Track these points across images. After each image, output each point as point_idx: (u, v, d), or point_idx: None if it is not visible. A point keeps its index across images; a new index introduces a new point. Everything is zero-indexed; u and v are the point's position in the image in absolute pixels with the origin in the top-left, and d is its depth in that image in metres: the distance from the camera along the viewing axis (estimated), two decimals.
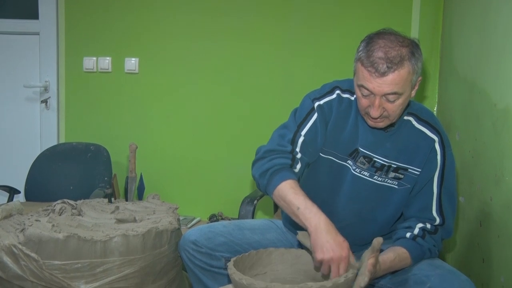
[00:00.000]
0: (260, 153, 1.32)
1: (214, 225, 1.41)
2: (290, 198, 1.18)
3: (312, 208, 1.15)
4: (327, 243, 1.10)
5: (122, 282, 1.39)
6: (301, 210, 1.16)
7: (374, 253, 1.08)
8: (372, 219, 1.34)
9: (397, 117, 1.25)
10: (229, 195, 2.39)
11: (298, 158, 1.29)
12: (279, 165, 1.26)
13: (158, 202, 1.82)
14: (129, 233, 1.41)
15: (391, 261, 1.19)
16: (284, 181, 1.22)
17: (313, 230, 1.12)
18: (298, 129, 1.31)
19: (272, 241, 1.42)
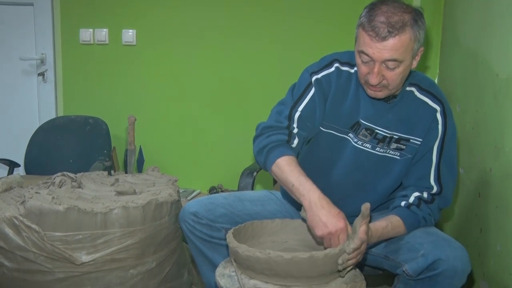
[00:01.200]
0: (259, 130, 1.32)
1: (214, 196, 1.41)
2: (286, 175, 1.19)
3: (305, 185, 1.16)
4: (323, 217, 1.11)
5: (123, 253, 1.41)
6: (295, 187, 1.17)
7: (364, 220, 1.08)
8: (371, 190, 1.35)
9: (397, 87, 1.24)
10: (228, 167, 2.39)
11: (295, 133, 1.29)
12: (276, 142, 1.26)
13: (158, 174, 1.82)
14: (129, 205, 1.41)
15: (383, 228, 1.19)
16: (280, 158, 1.22)
17: (307, 207, 1.13)
18: (295, 105, 1.31)
19: (272, 213, 1.43)
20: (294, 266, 1.00)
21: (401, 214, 1.25)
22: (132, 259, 1.43)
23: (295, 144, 1.29)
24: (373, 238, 1.18)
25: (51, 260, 1.35)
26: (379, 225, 1.20)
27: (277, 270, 1.01)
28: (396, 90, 1.25)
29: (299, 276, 1.03)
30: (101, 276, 1.40)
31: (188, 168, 2.46)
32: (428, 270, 1.14)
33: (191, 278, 1.72)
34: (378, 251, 1.29)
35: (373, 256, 1.30)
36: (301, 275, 1.03)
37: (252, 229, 1.21)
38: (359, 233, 1.07)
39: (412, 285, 1.18)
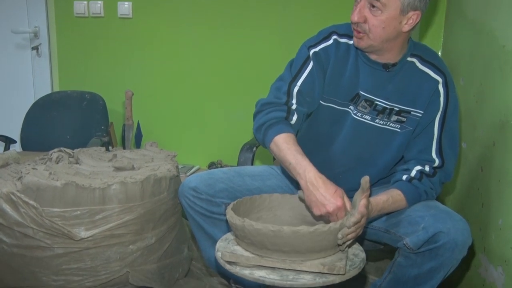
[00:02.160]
0: (258, 107, 1.31)
1: (214, 171, 1.41)
2: (283, 153, 1.19)
3: (302, 163, 1.15)
4: (321, 197, 1.10)
5: (122, 229, 1.42)
6: (292, 166, 1.16)
7: (364, 193, 1.08)
8: (372, 163, 1.34)
9: (379, 41, 1.22)
10: (228, 142, 2.38)
11: (294, 109, 1.28)
12: (274, 119, 1.26)
13: (156, 149, 1.82)
14: (127, 181, 1.42)
15: (383, 202, 1.19)
16: (278, 135, 1.22)
17: (304, 186, 1.13)
18: (293, 80, 1.30)
19: (272, 188, 1.43)
20: (296, 240, 1.00)
21: (402, 188, 1.25)
22: (131, 235, 1.44)
23: (294, 120, 1.28)
24: (374, 212, 1.18)
25: (50, 236, 1.36)
26: (379, 199, 1.20)
27: (277, 244, 1.01)
28: (378, 45, 1.23)
29: (301, 250, 1.03)
30: (100, 252, 1.41)
31: (187, 144, 2.45)
32: (429, 243, 1.15)
33: (191, 254, 1.75)
34: (379, 225, 1.29)
35: (373, 230, 1.31)
36: (303, 249, 1.03)
37: (251, 204, 1.21)
38: (359, 207, 1.07)
39: (413, 258, 1.19)
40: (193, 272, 1.73)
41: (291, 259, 1.02)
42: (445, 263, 1.15)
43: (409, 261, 1.19)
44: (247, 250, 1.07)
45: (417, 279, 1.20)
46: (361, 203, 1.07)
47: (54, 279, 1.38)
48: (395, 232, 1.23)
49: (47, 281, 1.38)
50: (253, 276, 1.00)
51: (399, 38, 1.23)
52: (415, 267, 1.19)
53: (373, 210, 1.17)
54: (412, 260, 1.19)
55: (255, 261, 1.04)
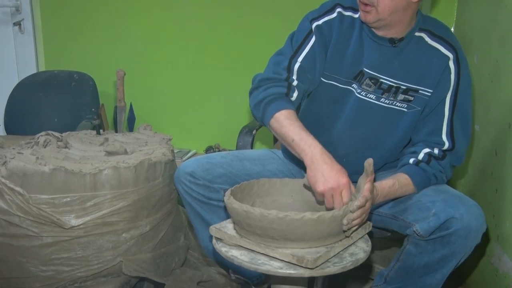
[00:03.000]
0: (255, 82, 1.31)
1: (211, 156, 1.41)
2: (285, 129, 1.19)
3: (307, 139, 1.15)
4: (325, 172, 1.10)
5: (114, 216, 1.42)
6: (295, 142, 1.16)
7: (368, 177, 1.08)
8: (378, 146, 1.34)
9: (387, 14, 1.21)
10: (226, 125, 2.38)
11: (294, 85, 1.28)
12: (274, 95, 1.25)
13: (150, 133, 1.82)
14: (120, 166, 1.41)
15: (389, 187, 1.19)
16: (279, 111, 1.21)
17: (308, 162, 1.13)
18: (294, 55, 1.30)
19: (273, 172, 1.43)
20: (301, 226, 1.00)
21: (409, 172, 1.24)
22: (125, 223, 1.44)
23: (294, 97, 1.28)
24: (379, 197, 1.18)
25: (37, 224, 1.36)
26: (385, 184, 1.20)
27: (277, 230, 1.01)
28: (386, 19, 1.22)
29: (306, 238, 1.03)
30: (92, 241, 1.41)
31: (182, 127, 2.45)
32: (441, 230, 1.14)
33: (188, 242, 1.75)
34: (385, 211, 1.29)
35: (380, 216, 1.31)
36: (308, 237, 1.03)
37: (249, 189, 1.21)
38: (363, 191, 1.07)
39: (423, 246, 1.19)
40: (190, 261, 1.74)
41: (267, 244, 1.03)
42: (457, 251, 1.15)
43: (419, 248, 1.20)
44: (240, 234, 1.09)
45: (427, 268, 1.20)
46: (365, 187, 1.07)
47: (43, 269, 1.38)
48: (403, 218, 1.23)
49: (35, 271, 1.38)
50: (226, 254, 1.04)
51: (408, 9, 1.21)
52: (425, 255, 1.19)
53: (379, 196, 1.17)
54: (422, 247, 1.19)
55: (235, 240, 1.06)
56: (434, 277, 1.21)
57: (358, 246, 1.11)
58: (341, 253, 1.07)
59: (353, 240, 1.10)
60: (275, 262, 1.01)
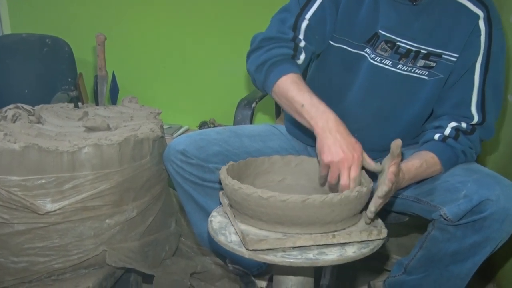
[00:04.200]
0: (256, 42, 1.30)
1: (206, 132, 1.41)
2: (293, 94, 1.18)
3: (318, 106, 1.15)
4: (338, 141, 1.10)
5: (97, 200, 1.42)
6: (305, 108, 1.16)
7: (394, 160, 1.07)
8: (394, 119, 1.33)
9: None
10: (222, 97, 2.39)
11: (302, 46, 1.28)
12: (278, 56, 1.25)
13: (136, 106, 1.82)
14: (102, 143, 1.42)
15: (416, 168, 1.19)
16: (285, 75, 1.21)
17: (319, 131, 1.13)
18: (302, 12, 1.29)
19: (275, 150, 1.43)
20: (307, 210, 0.99)
21: (435, 149, 1.23)
22: (108, 207, 1.44)
23: (301, 60, 1.28)
24: (405, 181, 1.17)
25: (8, 210, 1.36)
26: (411, 165, 1.18)
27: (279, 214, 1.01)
28: None
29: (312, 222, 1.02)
30: (71, 228, 1.41)
31: (173, 99, 2.45)
32: (473, 213, 1.13)
33: (180, 229, 1.75)
34: (407, 193, 1.28)
35: (401, 199, 1.30)
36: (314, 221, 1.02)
37: (246, 168, 1.21)
38: (388, 174, 1.06)
39: (451, 232, 1.18)
40: (182, 250, 1.74)
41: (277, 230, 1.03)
42: (492, 237, 1.14)
43: (447, 234, 1.19)
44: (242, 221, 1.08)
45: (456, 256, 1.20)
46: (390, 170, 1.06)
47: (14, 260, 1.39)
48: (428, 201, 1.22)
49: (5, 263, 1.38)
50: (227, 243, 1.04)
51: None
52: (454, 242, 1.18)
53: (405, 179, 1.16)
54: (450, 233, 1.18)
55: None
56: (463, 266, 1.21)
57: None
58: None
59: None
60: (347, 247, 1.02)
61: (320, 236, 1.01)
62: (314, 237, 1.01)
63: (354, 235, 1.02)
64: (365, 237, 1.02)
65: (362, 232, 1.03)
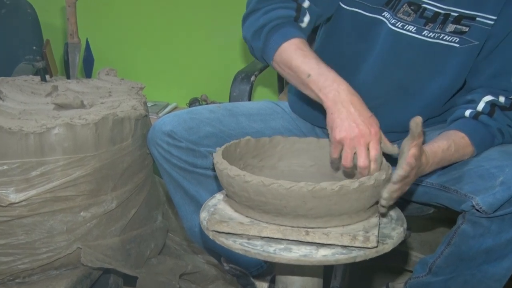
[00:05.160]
0: (252, 3, 1.30)
1: (197, 110, 1.41)
2: (297, 62, 1.18)
3: (328, 74, 1.15)
4: (351, 116, 1.10)
5: (70, 189, 1.42)
6: (312, 78, 1.16)
7: (415, 140, 1.06)
8: (418, 94, 1.33)
9: None
10: (215, 70, 2.39)
11: (306, 7, 1.27)
12: (279, 19, 1.25)
13: (115, 79, 1.82)
14: (75, 123, 1.41)
15: (443, 151, 1.18)
16: (288, 41, 1.21)
17: (330, 103, 1.13)
18: None
19: (278, 130, 1.44)
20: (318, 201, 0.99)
21: (465, 128, 1.23)
22: (83, 198, 1.45)
23: (305, 23, 1.27)
24: (430, 165, 1.16)
25: None
26: (437, 147, 1.18)
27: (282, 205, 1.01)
28: None
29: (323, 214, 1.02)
30: (40, 222, 1.41)
31: (158, 72, 2.45)
32: (511, 204, 1.12)
33: (167, 223, 1.76)
34: (432, 180, 1.28)
35: (424, 187, 1.30)
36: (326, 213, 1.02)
37: (240, 150, 1.21)
38: (407, 157, 1.05)
39: (485, 225, 1.17)
40: (169, 247, 1.75)
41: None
42: None
43: (479, 229, 1.18)
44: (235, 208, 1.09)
45: (491, 253, 1.19)
46: (410, 153, 1.06)
47: None
48: (457, 189, 1.21)
49: None
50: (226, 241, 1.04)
51: None
52: (488, 237, 1.18)
53: (429, 163, 1.15)
54: (483, 227, 1.18)
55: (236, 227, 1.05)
56: (498, 266, 1.20)
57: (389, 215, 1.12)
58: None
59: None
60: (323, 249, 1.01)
61: (291, 230, 1.01)
62: (284, 230, 1.01)
63: (332, 236, 1.00)
64: (346, 241, 1.00)
65: (344, 235, 1.00)
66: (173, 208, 1.72)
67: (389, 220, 1.11)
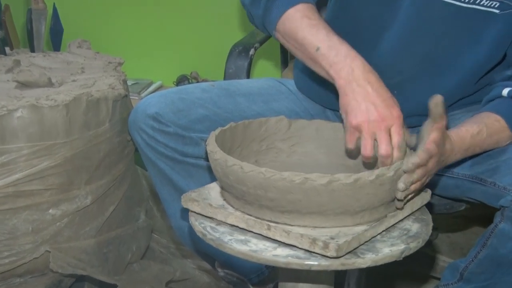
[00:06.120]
0: None
1: (187, 89, 1.42)
2: (304, 33, 1.18)
3: (340, 47, 1.15)
4: (368, 96, 1.11)
5: (36, 183, 1.42)
6: (322, 52, 1.16)
7: (436, 123, 1.07)
8: (448, 69, 1.32)
9: None
10: (207, 44, 2.41)
11: None
12: None
13: (89, 53, 1.83)
14: (42, 104, 1.41)
15: (473, 136, 1.18)
16: (293, 6, 1.22)
17: (343, 82, 1.13)
18: None
19: (282, 112, 1.39)
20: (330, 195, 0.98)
21: (502, 110, 1.23)
22: (52, 193, 1.45)
23: None
24: (456, 153, 1.16)
25: None
26: (465, 132, 1.18)
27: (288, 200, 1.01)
28: None
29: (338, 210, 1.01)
30: (0, 221, 1.42)
31: (140, 45, 2.46)
32: None
33: (151, 223, 1.78)
34: (464, 170, 1.28)
35: (453, 180, 1.30)
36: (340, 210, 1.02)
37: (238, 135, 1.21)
38: (427, 143, 1.06)
39: None
40: (154, 251, 1.77)
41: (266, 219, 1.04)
42: None
43: None
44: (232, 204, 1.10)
45: None
46: (430, 137, 1.06)
47: None
48: (494, 181, 1.21)
49: None
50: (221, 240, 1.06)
51: None
52: None
53: (455, 151, 1.15)
54: None
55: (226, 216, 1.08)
56: None
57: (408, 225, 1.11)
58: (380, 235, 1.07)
59: (403, 215, 1.10)
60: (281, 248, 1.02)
61: (254, 222, 1.03)
62: (247, 220, 1.04)
63: (292, 236, 1.01)
64: (306, 244, 1.00)
65: (305, 236, 1.00)
66: (159, 205, 1.73)
67: (402, 233, 1.09)
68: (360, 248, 1.01)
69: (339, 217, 1.03)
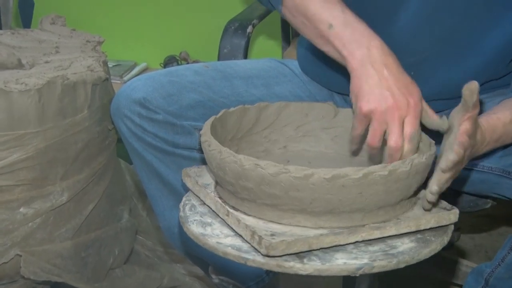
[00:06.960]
0: None
1: (178, 71, 1.42)
2: (316, 8, 1.19)
3: (356, 25, 1.16)
4: (384, 81, 1.11)
5: (4, 178, 1.44)
6: (335, 30, 1.16)
7: (468, 113, 1.06)
8: (473, 49, 1.32)
9: None
10: (199, 20, 2.43)
11: None
12: None
13: (64, 31, 1.84)
14: (10, 88, 1.43)
15: (505, 125, 1.17)
16: None
17: (356, 64, 1.14)
18: None
19: (285, 98, 1.43)
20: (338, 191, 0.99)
21: None
22: (23, 189, 1.47)
23: None
24: (488, 143, 1.16)
25: None
26: (497, 119, 1.18)
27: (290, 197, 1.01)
28: None
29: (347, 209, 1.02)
30: None
31: (122, 22, 2.48)
32: None
33: (136, 223, 1.80)
34: (491, 163, 1.28)
35: (481, 173, 1.31)
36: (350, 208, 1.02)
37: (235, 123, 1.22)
38: (458, 135, 1.05)
39: None
40: (139, 254, 1.78)
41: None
42: None
43: None
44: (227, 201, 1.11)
45: None
46: (461, 129, 1.06)
47: None
48: None
49: None
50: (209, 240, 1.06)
51: None
52: None
53: (486, 141, 1.16)
54: None
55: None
56: None
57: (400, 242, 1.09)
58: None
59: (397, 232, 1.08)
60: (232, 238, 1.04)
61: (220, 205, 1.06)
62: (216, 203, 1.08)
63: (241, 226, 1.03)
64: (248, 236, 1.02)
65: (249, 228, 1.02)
66: (145, 202, 1.75)
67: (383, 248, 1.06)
68: (312, 252, 1.00)
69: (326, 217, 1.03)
